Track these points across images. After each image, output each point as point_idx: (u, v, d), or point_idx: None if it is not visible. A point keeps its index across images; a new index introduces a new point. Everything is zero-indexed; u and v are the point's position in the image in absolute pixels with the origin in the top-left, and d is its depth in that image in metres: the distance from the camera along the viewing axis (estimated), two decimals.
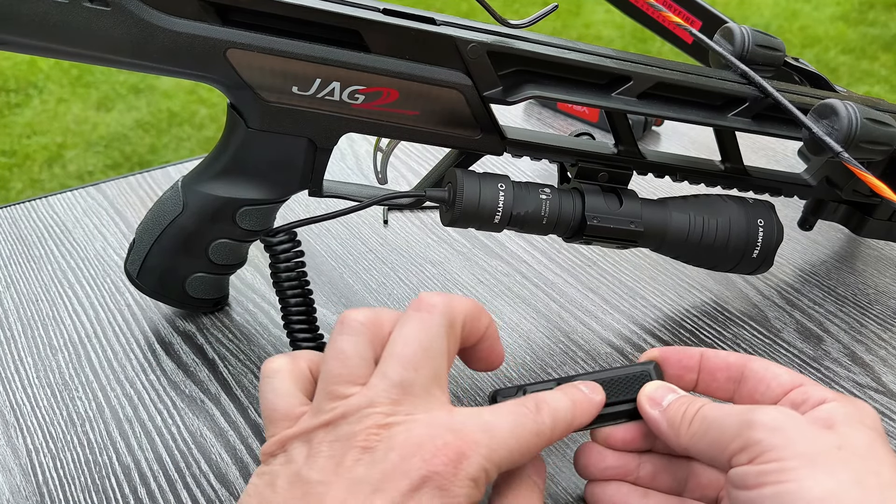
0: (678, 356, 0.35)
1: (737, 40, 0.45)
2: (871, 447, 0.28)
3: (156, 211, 0.44)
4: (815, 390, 0.31)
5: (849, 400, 0.31)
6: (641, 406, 0.34)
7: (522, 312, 0.50)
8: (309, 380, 0.32)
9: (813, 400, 0.31)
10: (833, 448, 0.28)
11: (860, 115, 0.41)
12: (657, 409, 0.33)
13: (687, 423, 0.31)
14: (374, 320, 0.31)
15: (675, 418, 0.32)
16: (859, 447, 0.28)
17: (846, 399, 0.31)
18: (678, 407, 0.32)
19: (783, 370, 0.33)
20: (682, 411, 0.32)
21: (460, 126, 0.42)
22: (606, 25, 2.69)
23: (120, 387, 0.43)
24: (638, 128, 0.71)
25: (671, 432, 0.32)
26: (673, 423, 0.32)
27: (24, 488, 0.38)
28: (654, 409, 0.33)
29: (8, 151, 1.95)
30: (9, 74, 2.24)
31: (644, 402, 0.34)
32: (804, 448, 0.27)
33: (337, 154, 0.66)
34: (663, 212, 0.44)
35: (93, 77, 2.24)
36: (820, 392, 0.31)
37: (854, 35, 2.66)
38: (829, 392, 0.31)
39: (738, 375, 0.34)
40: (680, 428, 0.32)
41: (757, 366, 0.34)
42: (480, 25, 0.41)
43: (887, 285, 0.55)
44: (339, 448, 0.28)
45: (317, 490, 0.27)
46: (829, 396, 0.31)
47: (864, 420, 0.29)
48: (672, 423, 0.32)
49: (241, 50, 0.37)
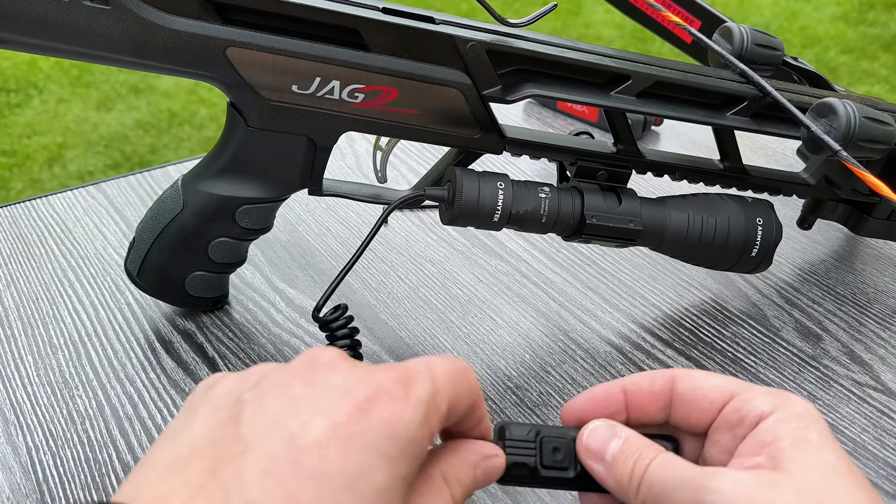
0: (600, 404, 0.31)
1: (736, 40, 0.45)
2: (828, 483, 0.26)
3: (156, 210, 0.44)
4: (747, 403, 0.29)
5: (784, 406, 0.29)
6: (582, 457, 0.30)
7: (522, 311, 0.50)
8: None
9: (748, 419, 0.29)
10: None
11: (859, 113, 0.41)
12: (600, 465, 0.29)
13: (635, 488, 0.28)
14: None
15: (622, 480, 0.29)
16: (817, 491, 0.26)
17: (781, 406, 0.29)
18: (624, 467, 0.29)
19: (709, 382, 0.30)
20: (629, 472, 0.28)
21: (460, 125, 0.42)
22: (606, 25, 2.69)
23: (120, 385, 0.43)
24: (637, 127, 0.71)
25: (618, 492, 0.29)
26: (621, 484, 0.29)
27: (24, 486, 0.38)
28: (598, 465, 0.29)
29: (8, 151, 1.95)
30: (9, 74, 2.24)
31: (584, 455, 0.30)
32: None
33: (337, 153, 0.67)
34: (662, 210, 0.44)
35: (93, 77, 2.24)
36: (753, 404, 0.29)
37: (854, 35, 2.66)
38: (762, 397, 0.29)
39: (667, 402, 0.31)
40: (628, 491, 0.28)
41: (683, 387, 0.31)
42: (480, 24, 0.41)
43: (886, 284, 0.55)
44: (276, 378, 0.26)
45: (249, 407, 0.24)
46: (763, 408, 0.28)
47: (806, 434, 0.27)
48: (619, 484, 0.29)
49: (241, 48, 0.37)
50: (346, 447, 0.23)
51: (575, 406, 0.32)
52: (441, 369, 0.27)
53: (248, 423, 0.24)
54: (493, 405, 0.43)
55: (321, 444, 0.23)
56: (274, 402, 0.24)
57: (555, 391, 0.44)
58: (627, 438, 0.30)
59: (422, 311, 0.50)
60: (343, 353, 0.27)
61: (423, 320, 0.49)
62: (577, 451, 0.30)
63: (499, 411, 0.43)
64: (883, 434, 0.43)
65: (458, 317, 0.49)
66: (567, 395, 0.44)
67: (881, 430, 0.43)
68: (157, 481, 0.23)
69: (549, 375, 0.45)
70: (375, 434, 0.24)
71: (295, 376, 0.25)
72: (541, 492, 0.38)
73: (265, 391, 0.25)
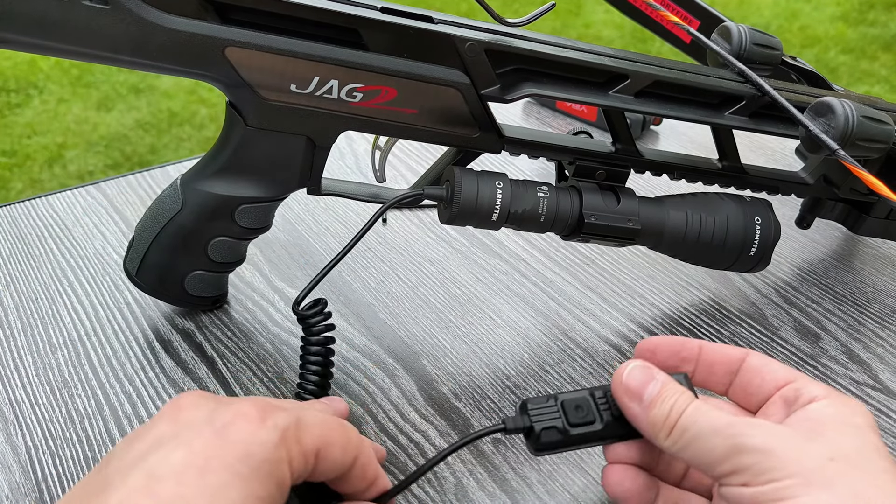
0: (675, 347, 0.34)
1: (734, 39, 0.45)
2: (862, 452, 0.28)
3: (155, 209, 0.44)
4: (807, 387, 0.31)
5: (839, 397, 0.31)
6: (618, 396, 0.31)
7: (521, 310, 0.50)
8: None
9: (803, 398, 0.30)
10: (825, 461, 0.27)
11: (857, 112, 0.41)
12: (636, 404, 0.31)
13: (668, 430, 0.30)
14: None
15: (656, 421, 0.30)
16: (851, 455, 0.28)
17: (836, 396, 0.31)
18: (660, 410, 0.30)
19: (781, 366, 0.33)
20: (665, 415, 0.30)
21: (458, 124, 0.42)
22: (606, 25, 2.69)
23: (119, 384, 0.43)
24: (636, 126, 0.71)
25: (651, 434, 0.30)
26: (654, 425, 0.30)
27: (23, 485, 0.38)
28: (635, 404, 0.31)
29: (8, 151, 1.95)
30: (9, 74, 2.24)
31: (622, 394, 0.31)
32: (797, 467, 0.27)
33: (335, 152, 0.67)
34: (661, 210, 0.44)
35: (93, 77, 2.24)
36: (811, 389, 0.31)
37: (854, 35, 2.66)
38: (821, 388, 0.31)
39: (735, 369, 0.33)
40: (661, 433, 0.30)
41: (755, 360, 0.33)
42: (478, 24, 0.41)
43: (885, 283, 0.55)
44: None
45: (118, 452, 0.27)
46: (819, 394, 0.30)
47: (853, 419, 0.29)
48: (654, 425, 0.30)
49: (240, 48, 0.37)
50: (202, 470, 0.25)
51: (653, 342, 0.34)
52: (312, 414, 0.29)
53: (115, 464, 0.26)
54: (492, 404, 0.43)
55: (178, 472, 0.25)
56: (140, 443, 0.26)
57: (553, 390, 0.45)
58: (665, 382, 0.31)
59: (421, 310, 0.50)
60: (205, 393, 0.29)
61: (422, 320, 0.49)
62: (614, 391, 0.31)
63: (497, 410, 0.43)
64: (882, 433, 0.43)
65: (457, 316, 0.49)
66: None
67: (880, 429, 0.43)
68: None
69: (547, 374, 0.46)
70: (230, 455, 0.25)
71: (160, 419, 0.27)
72: (539, 490, 0.38)
73: (133, 437, 0.27)
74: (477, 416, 0.42)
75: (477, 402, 0.43)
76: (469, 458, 0.40)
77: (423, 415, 0.42)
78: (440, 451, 0.35)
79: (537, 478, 0.39)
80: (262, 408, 0.27)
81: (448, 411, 0.43)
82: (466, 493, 0.38)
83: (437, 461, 0.32)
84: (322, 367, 0.41)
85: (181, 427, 0.27)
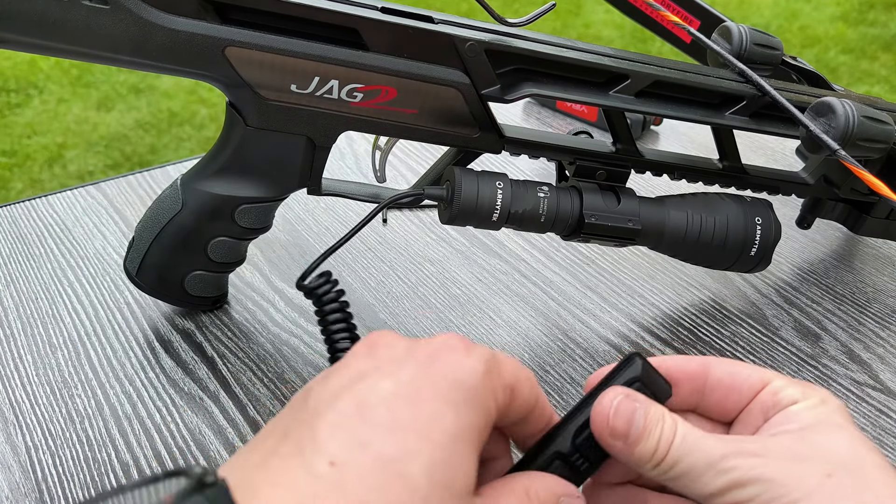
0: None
1: (735, 39, 0.45)
2: (856, 458, 0.27)
3: (155, 209, 0.44)
4: (781, 389, 0.30)
5: (813, 395, 0.29)
6: (601, 436, 0.29)
7: (521, 311, 0.50)
8: None
9: (782, 404, 0.29)
10: (822, 478, 0.27)
11: (857, 112, 0.41)
12: (620, 442, 0.29)
13: (655, 464, 0.28)
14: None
15: (643, 457, 0.28)
16: (847, 464, 0.27)
17: (813, 395, 0.29)
18: (647, 445, 0.28)
19: (746, 370, 0.31)
20: (652, 450, 0.28)
21: (458, 124, 0.42)
22: (606, 25, 2.69)
23: (119, 384, 0.43)
24: (636, 126, 0.71)
25: (639, 468, 0.29)
26: (641, 460, 0.28)
27: (23, 485, 0.38)
28: (618, 442, 0.29)
29: (8, 151, 1.95)
30: (9, 74, 2.24)
31: (606, 435, 0.29)
32: (798, 493, 0.26)
33: (336, 152, 0.67)
34: (661, 210, 0.44)
35: (93, 77, 2.24)
36: (785, 391, 0.30)
37: (854, 35, 2.66)
38: (796, 386, 0.30)
39: (701, 385, 0.31)
40: (648, 465, 0.28)
41: (719, 373, 0.31)
42: (478, 24, 0.41)
43: (885, 283, 0.55)
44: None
45: (315, 388, 0.26)
46: (796, 396, 0.29)
47: (833, 418, 0.29)
48: (640, 460, 0.28)
49: (240, 48, 0.37)
50: (413, 399, 0.24)
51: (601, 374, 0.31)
52: (503, 355, 0.28)
53: (316, 397, 0.25)
54: None
55: (389, 400, 0.24)
56: (338, 377, 0.26)
57: (553, 390, 0.45)
58: (647, 410, 0.29)
59: (421, 310, 0.50)
60: (396, 332, 0.28)
61: (422, 320, 0.49)
62: (596, 430, 0.29)
63: None
64: (882, 433, 0.43)
65: (457, 316, 0.49)
66: (566, 394, 0.44)
67: (880, 429, 0.43)
68: (234, 458, 0.24)
69: (548, 375, 0.45)
70: (440, 383, 0.25)
71: (354, 356, 0.27)
72: None
73: (328, 373, 0.26)
74: None
75: None
76: None
77: None
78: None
79: None
80: (463, 340, 0.26)
81: None
82: None
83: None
84: (349, 322, 0.40)
85: (381, 361, 0.26)
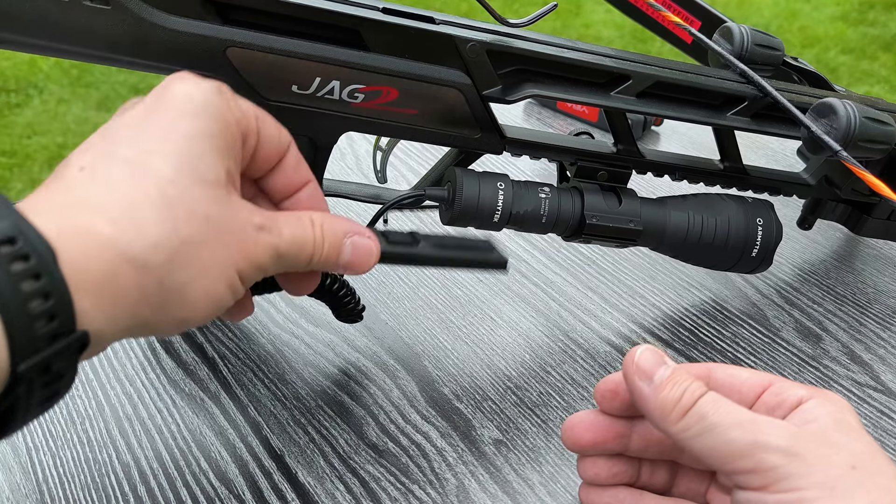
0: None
1: (736, 40, 0.45)
2: (874, 457, 0.27)
3: None
4: (785, 390, 0.30)
5: (821, 395, 0.30)
6: (628, 375, 0.30)
7: (522, 311, 0.50)
8: None
9: (788, 403, 0.30)
10: (847, 469, 0.26)
11: (859, 113, 0.41)
12: (646, 384, 0.29)
13: (680, 414, 0.28)
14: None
15: (667, 404, 0.29)
16: (868, 461, 0.27)
17: (819, 394, 0.30)
18: (673, 391, 0.29)
19: (745, 373, 0.31)
20: (677, 399, 0.28)
21: (460, 125, 0.42)
22: (606, 25, 2.69)
23: (120, 385, 0.43)
24: (637, 127, 0.71)
25: (660, 417, 0.29)
26: (664, 408, 0.29)
27: (23, 486, 0.38)
28: (643, 383, 0.29)
29: (8, 151, 1.95)
30: (9, 74, 2.24)
31: (631, 372, 0.30)
32: (822, 477, 0.26)
33: (337, 153, 0.67)
34: (662, 211, 0.44)
35: (93, 77, 2.24)
36: (790, 391, 0.30)
37: (854, 35, 2.66)
38: (799, 387, 0.30)
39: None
40: (671, 416, 0.28)
41: (721, 375, 0.31)
42: (480, 24, 0.41)
43: (886, 284, 0.55)
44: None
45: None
46: (802, 395, 0.30)
47: (846, 417, 0.29)
48: (663, 408, 0.29)
49: (242, 49, 0.37)
50: (149, 118, 0.28)
51: (612, 380, 0.33)
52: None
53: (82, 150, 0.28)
54: (493, 405, 0.43)
55: (128, 122, 0.28)
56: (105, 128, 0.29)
57: (555, 391, 0.44)
58: (676, 368, 0.30)
59: (422, 310, 0.50)
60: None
61: (423, 320, 0.49)
62: (625, 370, 0.30)
63: (499, 411, 0.43)
64: (883, 434, 0.43)
65: (458, 317, 0.49)
66: (567, 394, 0.44)
67: (881, 430, 0.43)
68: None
69: (548, 375, 0.45)
70: (172, 102, 0.28)
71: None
72: (541, 492, 0.38)
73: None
74: (478, 418, 0.42)
75: (478, 404, 0.43)
76: (471, 459, 0.40)
77: (424, 416, 0.42)
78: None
79: (539, 479, 0.39)
80: (194, 73, 0.30)
81: (449, 412, 0.43)
82: (468, 494, 0.38)
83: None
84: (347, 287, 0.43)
85: (126, 109, 0.29)
